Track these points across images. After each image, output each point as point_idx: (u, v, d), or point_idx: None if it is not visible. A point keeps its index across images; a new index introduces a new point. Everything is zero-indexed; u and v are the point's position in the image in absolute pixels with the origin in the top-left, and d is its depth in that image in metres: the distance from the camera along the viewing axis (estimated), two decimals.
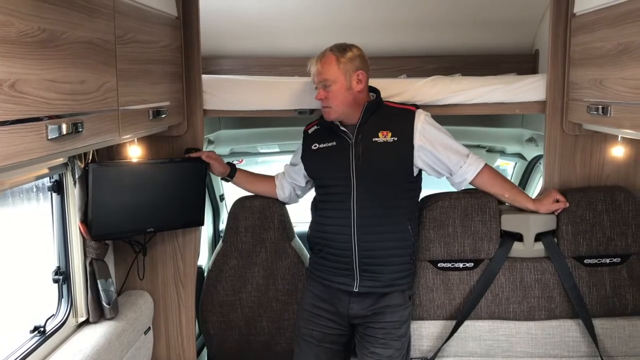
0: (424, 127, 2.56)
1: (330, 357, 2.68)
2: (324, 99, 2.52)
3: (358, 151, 2.53)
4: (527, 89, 2.84)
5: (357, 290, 2.55)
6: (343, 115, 2.54)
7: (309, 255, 2.90)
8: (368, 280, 2.54)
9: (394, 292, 2.57)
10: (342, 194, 2.54)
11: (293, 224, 3.06)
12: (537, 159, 4.04)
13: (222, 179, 2.96)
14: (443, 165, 2.61)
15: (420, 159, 2.57)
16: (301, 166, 2.76)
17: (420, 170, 2.63)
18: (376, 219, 2.52)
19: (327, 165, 2.61)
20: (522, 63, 3.60)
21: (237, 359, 3.04)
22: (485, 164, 2.67)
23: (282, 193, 2.91)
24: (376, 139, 2.52)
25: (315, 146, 2.66)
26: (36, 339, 2.17)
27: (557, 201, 2.72)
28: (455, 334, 2.76)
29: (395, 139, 2.52)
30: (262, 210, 2.96)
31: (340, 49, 2.51)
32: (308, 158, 2.71)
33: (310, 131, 2.73)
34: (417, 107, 2.65)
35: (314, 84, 2.57)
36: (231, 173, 2.88)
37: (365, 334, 2.60)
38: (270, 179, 2.94)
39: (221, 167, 2.84)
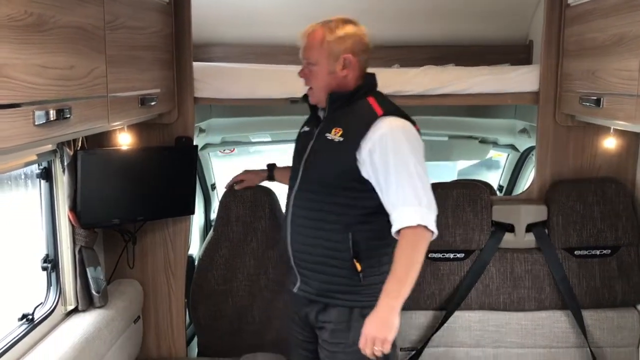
0: (382, 140, 2.06)
1: None
2: (305, 78, 2.26)
3: (314, 145, 2.23)
4: (520, 80, 2.84)
5: (295, 291, 2.29)
6: (322, 102, 2.23)
7: None
8: (303, 284, 2.27)
9: (335, 307, 2.20)
10: (290, 188, 2.31)
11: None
12: (529, 150, 4.04)
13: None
14: (382, 195, 2.09)
15: (366, 172, 2.11)
16: None
17: None
18: (309, 221, 2.21)
19: (294, 152, 2.37)
20: (516, 54, 3.59)
21: (227, 348, 3.03)
22: (407, 229, 2.02)
23: None
24: (327, 135, 2.18)
25: (302, 130, 2.41)
26: (24, 326, 2.15)
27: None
28: (445, 324, 2.77)
29: (342, 139, 2.14)
30: (253, 200, 2.95)
31: (333, 26, 2.18)
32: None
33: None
34: (393, 114, 2.14)
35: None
36: (270, 175, 2.82)
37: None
38: None
39: (258, 178, 2.85)
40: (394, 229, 2.05)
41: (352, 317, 2.19)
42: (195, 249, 3.77)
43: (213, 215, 4.28)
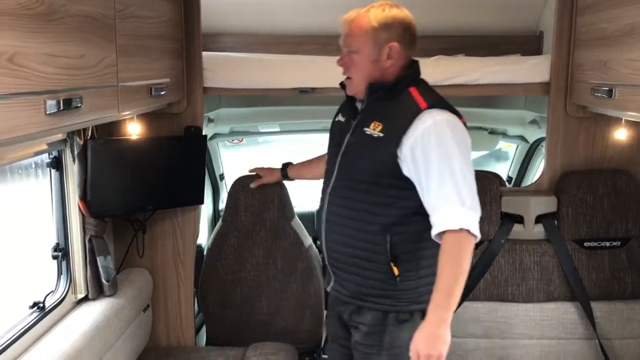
0: (424, 135, 1.93)
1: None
2: (344, 67, 2.09)
3: (351, 139, 2.10)
4: (531, 70, 2.82)
5: (329, 290, 2.25)
6: (361, 93, 2.09)
7: (309, 236, 2.89)
8: (336, 284, 2.20)
9: (370, 309, 2.11)
10: (326, 184, 2.19)
11: (293, 205, 3.05)
12: (539, 141, 4.02)
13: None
14: (423, 194, 1.97)
15: (407, 169, 1.98)
16: None
17: None
18: (345, 220, 2.10)
19: (329, 143, 2.26)
20: (527, 44, 3.56)
21: (235, 338, 3.05)
22: (449, 233, 1.90)
23: None
24: (366, 129, 2.04)
25: (336, 118, 2.27)
26: (35, 314, 2.17)
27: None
28: (454, 315, 2.76)
29: (382, 135, 2.00)
30: (262, 190, 2.95)
31: (378, 11, 2.02)
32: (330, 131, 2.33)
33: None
34: (438, 107, 1.99)
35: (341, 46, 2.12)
36: (284, 174, 2.86)
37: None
38: (321, 160, 2.52)
39: (273, 177, 2.88)
40: (434, 232, 1.92)
41: (387, 321, 2.09)
42: (203, 238, 3.79)
43: (221, 205, 4.29)
